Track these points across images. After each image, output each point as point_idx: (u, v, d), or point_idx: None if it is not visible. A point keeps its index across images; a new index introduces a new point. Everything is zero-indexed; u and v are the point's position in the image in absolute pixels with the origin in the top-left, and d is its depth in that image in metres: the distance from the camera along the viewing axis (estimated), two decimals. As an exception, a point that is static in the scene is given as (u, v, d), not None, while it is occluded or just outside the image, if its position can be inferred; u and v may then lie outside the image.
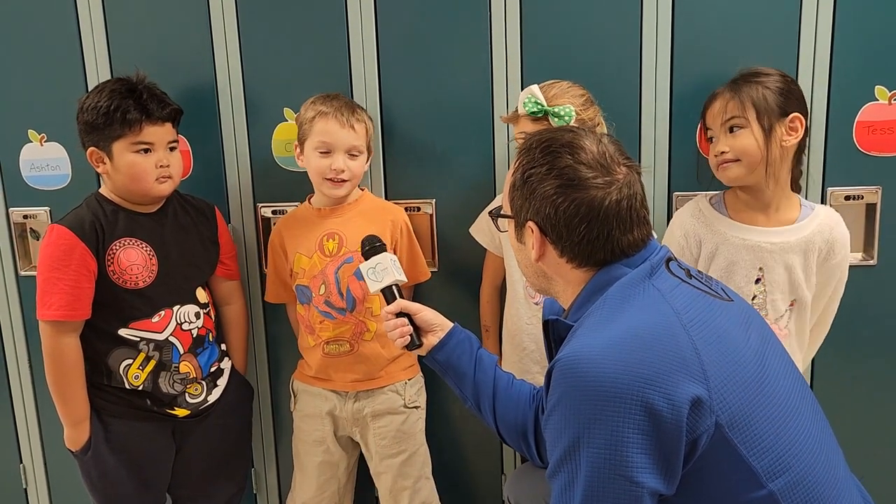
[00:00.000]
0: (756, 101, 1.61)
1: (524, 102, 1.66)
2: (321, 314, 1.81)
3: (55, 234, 1.67)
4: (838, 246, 1.68)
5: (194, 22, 1.94)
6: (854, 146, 1.82)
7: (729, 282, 1.67)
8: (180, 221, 1.82)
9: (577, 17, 1.85)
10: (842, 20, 1.78)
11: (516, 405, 1.44)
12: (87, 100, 1.69)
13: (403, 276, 1.58)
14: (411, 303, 1.52)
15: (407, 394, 1.87)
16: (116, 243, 1.70)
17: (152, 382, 1.75)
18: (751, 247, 1.67)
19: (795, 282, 1.67)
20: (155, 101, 1.70)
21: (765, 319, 1.65)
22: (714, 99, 1.68)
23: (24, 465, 2.27)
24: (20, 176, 2.08)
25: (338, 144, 1.76)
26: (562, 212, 1.16)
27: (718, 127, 1.66)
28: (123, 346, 1.72)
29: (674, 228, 1.77)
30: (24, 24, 1.99)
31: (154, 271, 1.73)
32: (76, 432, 1.73)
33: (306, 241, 1.84)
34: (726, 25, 1.81)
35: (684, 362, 1.04)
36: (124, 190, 1.72)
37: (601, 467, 1.03)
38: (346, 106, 1.78)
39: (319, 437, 1.88)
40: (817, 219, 1.68)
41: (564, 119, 1.63)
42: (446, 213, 1.97)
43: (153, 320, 1.74)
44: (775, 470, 1.06)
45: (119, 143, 1.68)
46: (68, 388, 1.69)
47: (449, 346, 1.46)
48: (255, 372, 2.14)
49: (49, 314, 1.65)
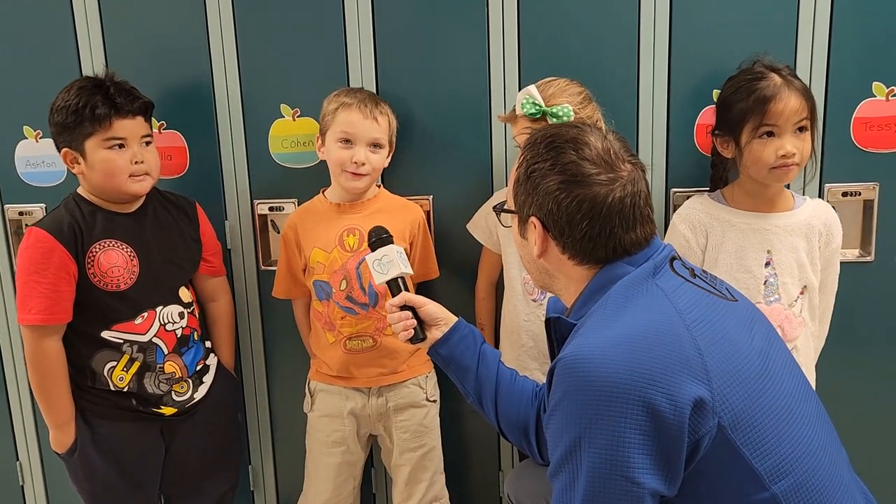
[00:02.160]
0: (813, 102, 1.61)
1: (522, 104, 1.65)
2: (343, 310, 1.80)
3: (33, 237, 1.65)
4: (835, 230, 1.72)
5: (190, 18, 1.93)
6: (852, 143, 1.82)
7: (741, 266, 1.69)
8: (161, 220, 1.79)
9: (575, 14, 1.84)
10: (839, 16, 1.78)
11: (518, 402, 1.44)
12: (57, 100, 1.67)
13: (409, 268, 1.56)
14: (416, 296, 1.50)
15: (428, 387, 1.88)
16: (96, 245, 1.68)
17: (137, 383, 1.74)
18: (757, 230, 1.69)
19: (802, 265, 1.69)
20: (123, 95, 1.67)
21: (779, 307, 1.68)
22: (779, 94, 1.59)
23: (21, 462, 2.27)
24: (16, 173, 2.07)
25: (360, 136, 1.75)
26: (564, 208, 1.15)
27: (790, 126, 1.60)
28: (106, 348, 1.71)
29: (677, 223, 1.77)
30: (19, 20, 1.98)
31: (135, 273, 1.72)
32: (61, 434, 1.72)
33: (324, 235, 1.82)
34: (724, 21, 1.80)
35: (687, 363, 1.04)
36: (100, 189, 1.70)
37: (602, 468, 1.02)
38: (369, 98, 1.78)
39: (339, 438, 1.87)
40: (810, 206, 1.73)
41: (562, 119, 1.62)
42: (443, 209, 1.97)
43: (136, 322, 1.72)
44: (778, 472, 1.06)
45: (91, 141, 1.65)
46: (51, 390, 1.68)
47: (453, 341, 1.46)
48: (251, 369, 2.13)
49: (29, 318, 1.63)
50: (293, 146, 1.97)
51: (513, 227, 1.30)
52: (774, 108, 1.59)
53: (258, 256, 2.05)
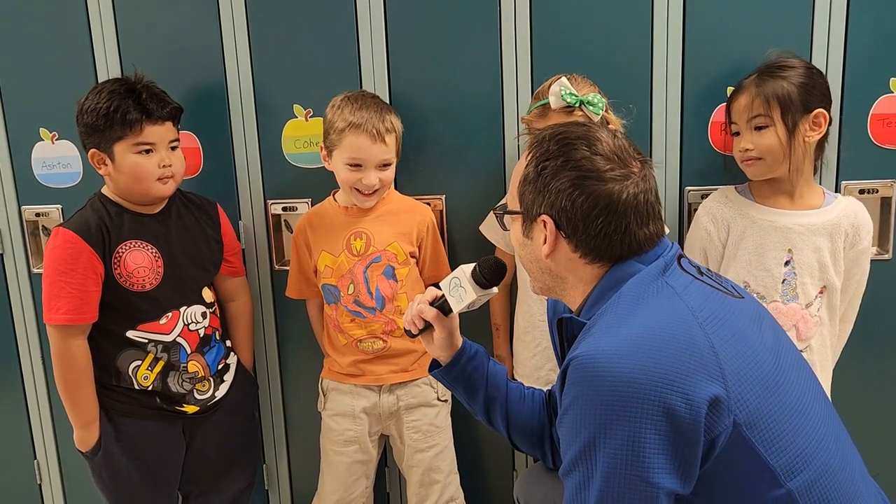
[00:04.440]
0: (781, 99, 1.60)
1: (561, 94, 1.64)
2: (351, 313, 1.81)
3: (61, 238, 1.66)
4: (864, 231, 1.69)
5: (204, 19, 1.94)
6: (869, 139, 1.80)
7: (759, 264, 1.68)
8: (184, 221, 1.81)
9: (587, 11, 1.83)
10: (855, 11, 1.76)
11: (531, 412, 1.42)
12: (86, 101, 1.67)
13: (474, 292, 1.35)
14: (443, 321, 1.38)
15: (439, 386, 1.87)
16: (123, 246, 1.70)
17: (161, 382, 1.75)
18: (779, 228, 1.67)
19: (824, 265, 1.67)
20: (155, 101, 1.68)
21: (795, 306, 1.67)
22: (740, 93, 1.67)
23: (39, 461, 2.29)
24: (32, 174, 2.09)
25: (369, 160, 1.73)
26: (578, 205, 1.13)
27: (744, 123, 1.65)
28: (131, 347, 1.73)
29: (700, 216, 1.76)
30: (34, 23, 2.00)
31: (160, 273, 1.73)
32: (86, 433, 1.73)
33: (333, 239, 1.82)
34: (738, 17, 1.79)
35: (702, 362, 1.03)
36: (127, 191, 1.72)
37: (617, 468, 1.01)
38: (376, 115, 1.73)
39: (352, 437, 1.87)
40: (841, 204, 1.70)
41: (598, 107, 1.63)
42: (456, 209, 1.97)
43: (161, 322, 1.74)
44: (794, 468, 1.05)
45: (120, 145, 1.66)
46: (78, 390, 1.70)
47: (459, 365, 1.41)
48: (265, 369, 2.14)
49: (57, 318, 1.65)
50: (306, 146, 1.97)
51: (513, 227, 1.27)
52: (734, 107, 1.69)
53: (272, 256, 2.06)
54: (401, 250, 1.81)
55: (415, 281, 1.85)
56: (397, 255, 1.81)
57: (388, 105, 1.84)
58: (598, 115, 1.65)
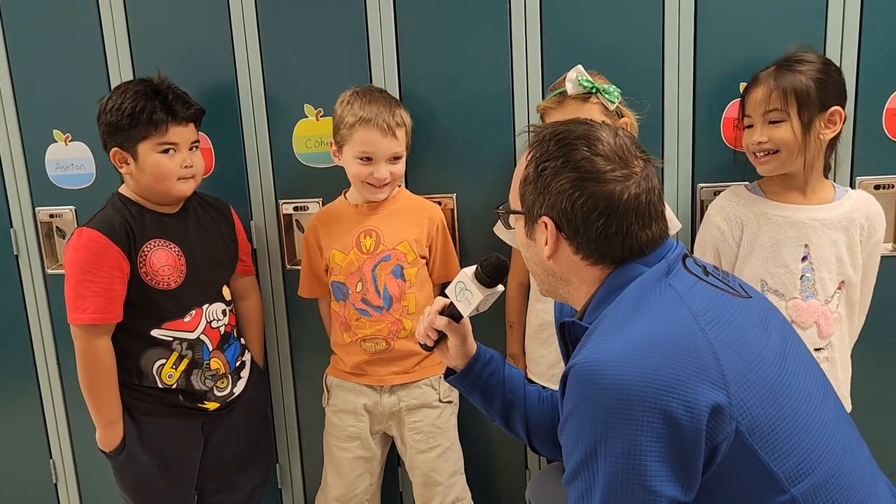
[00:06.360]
0: (799, 94, 1.58)
1: (578, 81, 1.64)
2: (358, 311, 1.81)
3: (85, 238, 1.66)
4: (877, 223, 1.68)
5: (215, 20, 1.95)
6: (884, 134, 1.78)
7: (776, 260, 1.66)
8: (202, 221, 1.83)
9: (598, 7, 1.82)
10: (870, 6, 1.74)
11: (552, 414, 1.41)
12: (110, 101, 1.69)
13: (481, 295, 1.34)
14: (455, 328, 1.36)
15: (441, 388, 1.87)
16: (147, 244, 1.71)
17: (185, 380, 1.77)
18: (794, 223, 1.66)
19: (841, 260, 1.66)
20: (180, 102, 1.71)
21: (815, 303, 1.65)
22: (756, 85, 1.65)
23: (54, 460, 2.31)
24: (46, 175, 2.10)
25: (380, 154, 1.74)
26: (578, 206, 1.12)
27: (759, 116, 1.63)
28: (157, 346, 1.74)
29: (711, 216, 1.75)
30: (48, 26, 2.01)
31: (183, 272, 1.75)
32: (109, 433, 1.74)
33: (343, 237, 1.83)
34: (751, 13, 1.77)
35: (703, 368, 1.01)
36: (148, 190, 1.73)
37: (619, 476, 1.00)
38: (386, 109, 1.74)
39: (354, 433, 1.88)
40: (852, 198, 1.69)
41: (614, 95, 1.63)
42: (467, 207, 1.96)
43: (185, 320, 1.75)
44: (798, 474, 1.03)
45: (144, 144, 1.68)
46: (102, 390, 1.71)
47: (475, 371, 1.40)
48: (278, 368, 2.15)
49: (84, 318, 1.65)
50: (317, 146, 1.98)
51: (517, 228, 1.26)
52: (749, 100, 1.66)
53: (283, 256, 2.07)
54: (410, 250, 1.81)
55: (423, 281, 1.85)
56: (407, 254, 1.81)
57: (397, 99, 1.84)
58: (613, 103, 1.65)
